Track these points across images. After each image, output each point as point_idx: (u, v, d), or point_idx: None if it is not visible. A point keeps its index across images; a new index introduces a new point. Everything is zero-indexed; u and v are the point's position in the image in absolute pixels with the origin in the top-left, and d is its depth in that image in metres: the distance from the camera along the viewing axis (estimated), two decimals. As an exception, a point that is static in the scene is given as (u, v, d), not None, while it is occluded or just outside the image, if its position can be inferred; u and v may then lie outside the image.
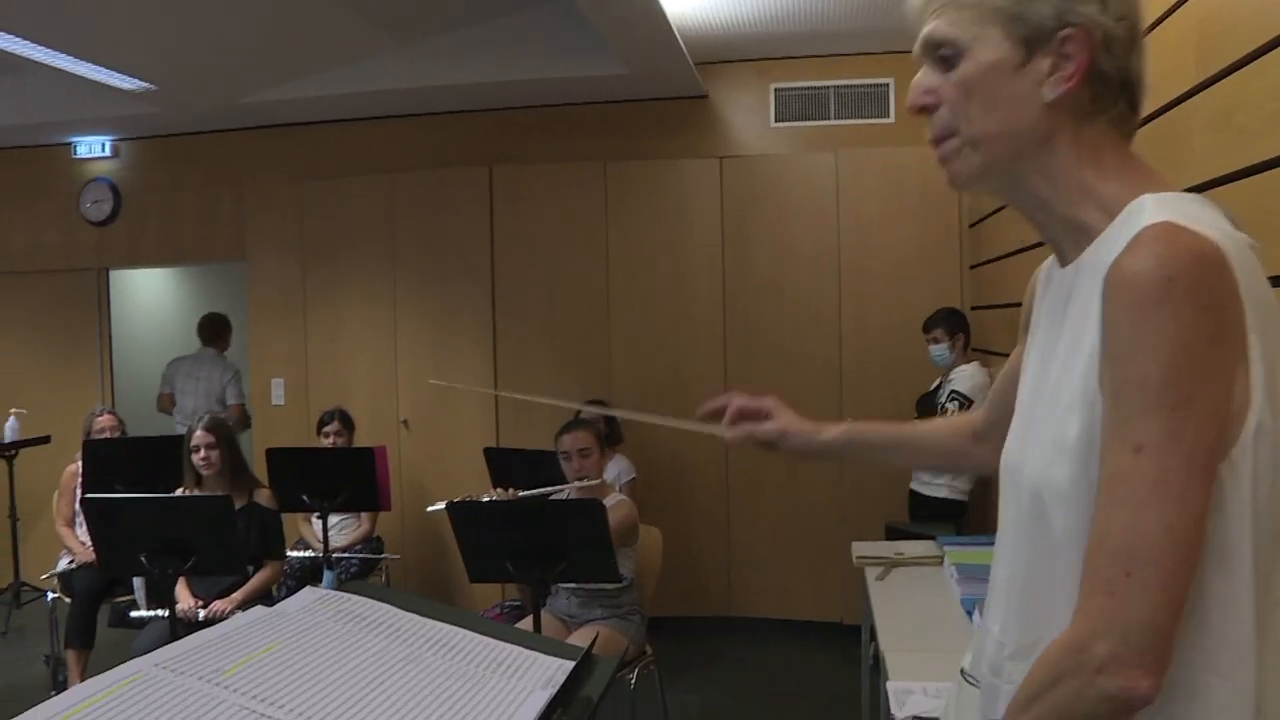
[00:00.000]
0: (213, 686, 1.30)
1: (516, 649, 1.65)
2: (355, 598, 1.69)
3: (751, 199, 6.25)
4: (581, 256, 6.47)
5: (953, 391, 5.17)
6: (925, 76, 1.31)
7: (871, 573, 4.14)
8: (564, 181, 6.49)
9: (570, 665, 1.58)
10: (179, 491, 4.77)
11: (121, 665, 1.28)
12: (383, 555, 5.92)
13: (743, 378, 6.16)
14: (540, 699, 1.46)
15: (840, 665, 5.66)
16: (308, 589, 1.69)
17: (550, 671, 1.57)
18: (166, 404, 7.36)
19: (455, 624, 1.67)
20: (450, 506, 3.64)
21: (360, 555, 5.74)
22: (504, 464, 5.25)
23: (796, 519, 6.20)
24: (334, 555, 5.33)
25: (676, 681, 5.26)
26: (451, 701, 1.39)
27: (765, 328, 6.19)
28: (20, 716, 1.18)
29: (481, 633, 1.67)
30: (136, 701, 1.23)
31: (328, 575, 5.06)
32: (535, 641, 1.71)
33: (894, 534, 5.15)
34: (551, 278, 6.52)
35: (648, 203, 6.39)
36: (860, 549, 4.48)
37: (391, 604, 1.70)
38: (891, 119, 6.28)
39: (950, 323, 5.33)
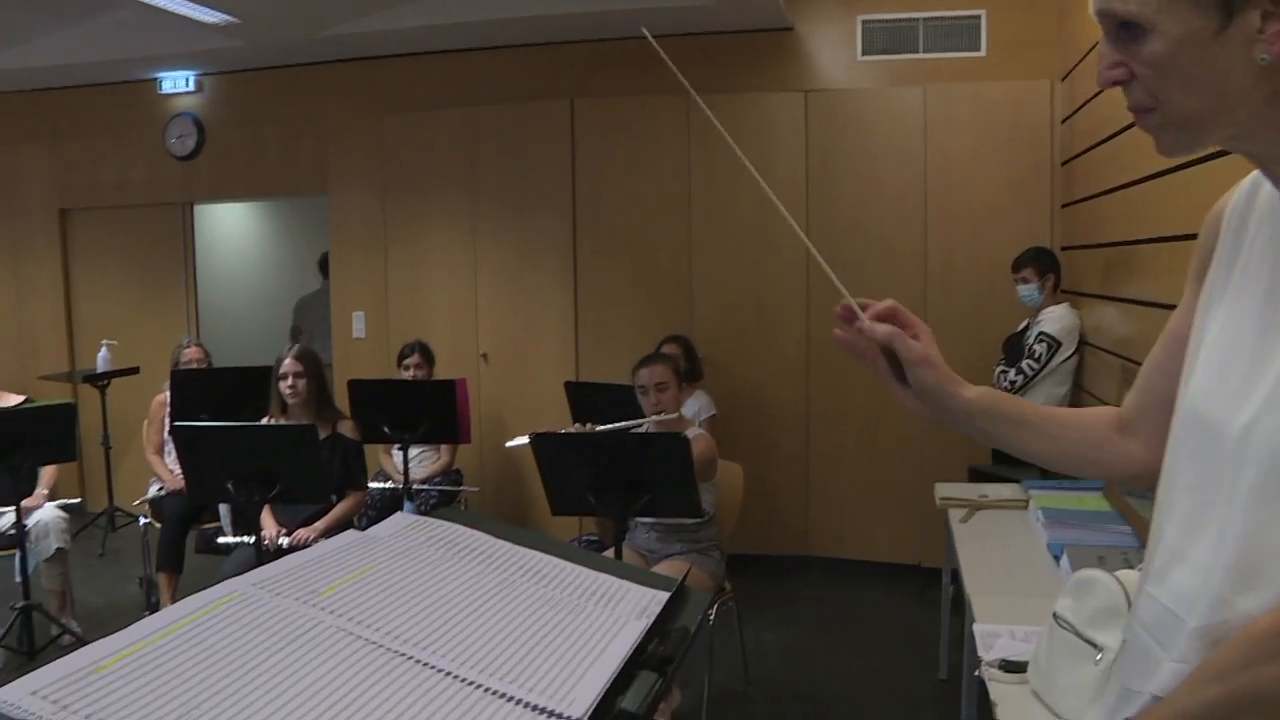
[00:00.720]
0: (308, 607, 1.29)
1: (610, 578, 1.62)
2: (447, 524, 1.67)
3: (836, 134, 6.12)
4: (664, 191, 6.39)
5: (1041, 333, 5.04)
6: (1109, 48, 1.15)
7: (955, 515, 4.08)
8: (646, 115, 6.40)
9: (665, 596, 1.55)
10: (265, 421, 4.83)
11: (220, 584, 1.27)
12: (462, 488, 5.97)
13: (826, 316, 6.07)
14: (636, 628, 1.44)
15: (917, 608, 5.61)
16: (399, 514, 1.68)
17: (644, 602, 1.55)
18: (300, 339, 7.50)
19: (548, 552, 1.65)
20: (534, 438, 3.63)
21: (439, 487, 5.79)
22: (584, 398, 5.24)
23: (876, 460, 6.13)
24: (414, 487, 5.38)
25: (754, 619, 5.25)
26: (548, 629, 1.37)
27: (849, 265, 5.97)
28: (128, 629, 1.18)
29: (574, 561, 1.65)
30: (235, 619, 1.23)
31: (408, 506, 5.12)
32: (627, 572, 1.69)
33: (977, 476, 5.08)
34: (633, 212, 6.46)
35: (731, 136, 6.26)
36: (943, 490, 4.42)
37: (483, 531, 1.68)
38: (983, 52, 6.08)
39: (1040, 262, 5.18)
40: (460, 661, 1.23)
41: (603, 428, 4.01)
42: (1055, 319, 5.04)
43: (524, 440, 3.80)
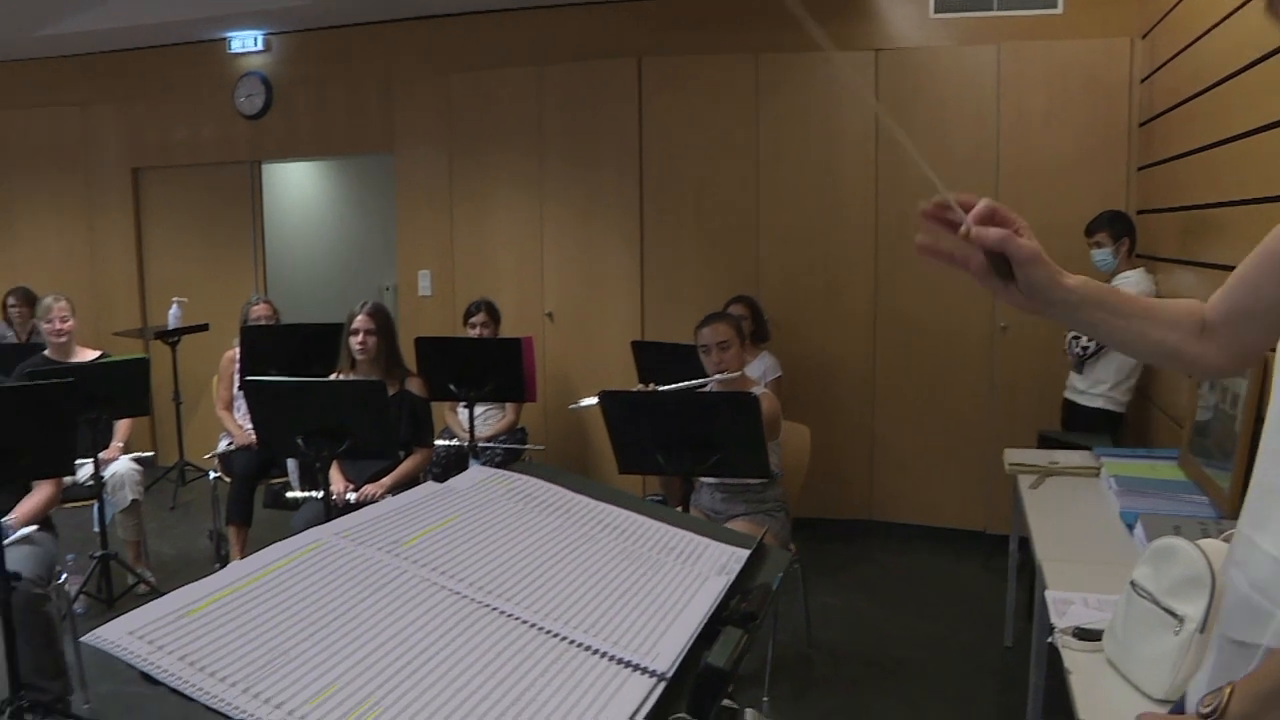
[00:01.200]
0: (393, 557, 1.29)
1: (688, 534, 1.62)
2: (525, 478, 1.67)
3: (907, 94, 5.99)
4: (731, 150, 6.33)
5: (1116, 298, 4.93)
6: None
7: (1024, 481, 4.02)
8: (714, 74, 6.33)
9: (744, 554, 1.54)
10: (334, 376, 4.87)
11: (304, 532, 1.28)
12: (527, 446, 6.00)
13: (893, 279, 6.01)
14: (717, 585, 1.43)
15: (983, 574, 5.57)
16: (476, 467, 1.68)
17: (723, 559, 1.54)
18: None
19: (626, 507, 1.65)
20: (603, 396, 3.62)
21: (505, 445, 5.82)
22: (651, 357, 5.23)
23: (943, 424, 6.06)
24: (479, 445, 5.41)
25: (817, 583, 5.24)
26: (630, 583, 1.37)
27: (918, 227, 5.95)
28: (217, 574, 1.19)
29: (652, 517, 1.64)
30: (320, 567, 1.24)
31: (473, 464, 5.14)
32: (705, 528, 1.68)
33: (1047, 443, 5.00)
34: (700, 171, 6.40)
35: (799, 96, 6.19)
36: (1013, 456, 4.36)
37: (561, 485, 1.68)
38: (1059, 9, 5.93)
39: (1115, 226, 5.06)
40: (544, 614, 1.22)
41: (667, 387, 4.00)
42: (1132, 284, 4.93)
43: (591, 401, 3.79)
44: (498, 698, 1.03)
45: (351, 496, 4.45)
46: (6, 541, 3.55)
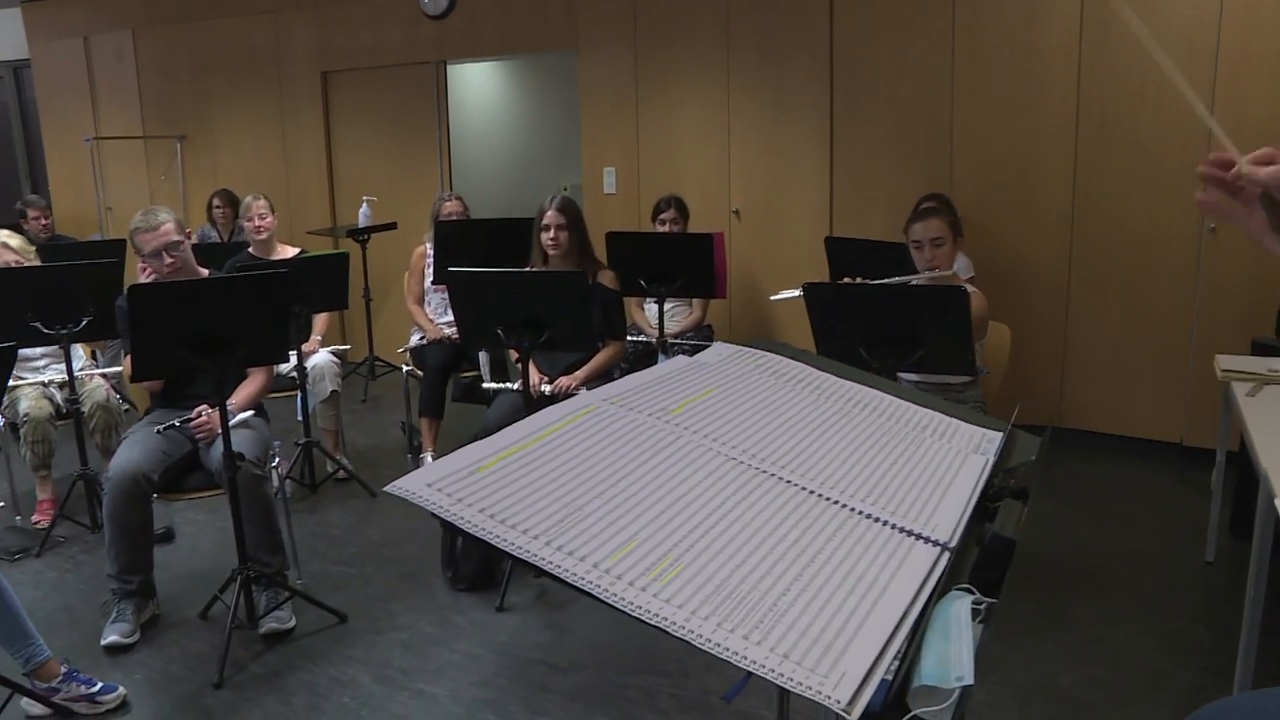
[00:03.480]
0: (664, 423, 1.30)
1: (937, 415, 1.59)
2: (771, 354, 1.66)
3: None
4: (925, 42, 6.08)
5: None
6: None
7: (1239, 389, 3.82)
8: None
9: (996, 435, 1.51)
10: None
11: (573, 398, 1.30)
12: (714, 342, 5.99)
13: (1093, 178, 5.73)
14: (978, 462, 1.40)
15: (1179, 487, 5.37)
16: (720, 343, 1.68)
17: (976, 439, 1.51)
18: None
19: (873, 387, 1.62)
20: (807, 288, 3.57)
21: (692, 342, 5.82)
22: (845, 254, 5.12)
23: (1141, 331, 5.78)
24: (667, 341, 5.42)
25: (1006, 487, 5.13)
26: (893, 458, 1.35)
27: (1121, 124, 5.63)
28: (497, 435, 1.22)
29: (900, 397, 1.61)
30: (596, 430, 1.25)
31: (661, 360, 5.16)
32: (951, 409, 1.64)
33: (1261, 350, 4.76)
34: (893, 63, 6.18)
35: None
36: (1226, 363, 4.16)
37: (806, 363, 1.67)
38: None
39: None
40: (820, 482, 1.22)
41: (876, 282, 3.91)
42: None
43: (793, 293, 3.74)
44: (791, 560, 1.03)
45: (546, 389, 4.52)
46: (230, 425, 3.74)
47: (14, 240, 5.05)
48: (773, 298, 4.14)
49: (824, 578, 1.03)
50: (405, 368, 6.07)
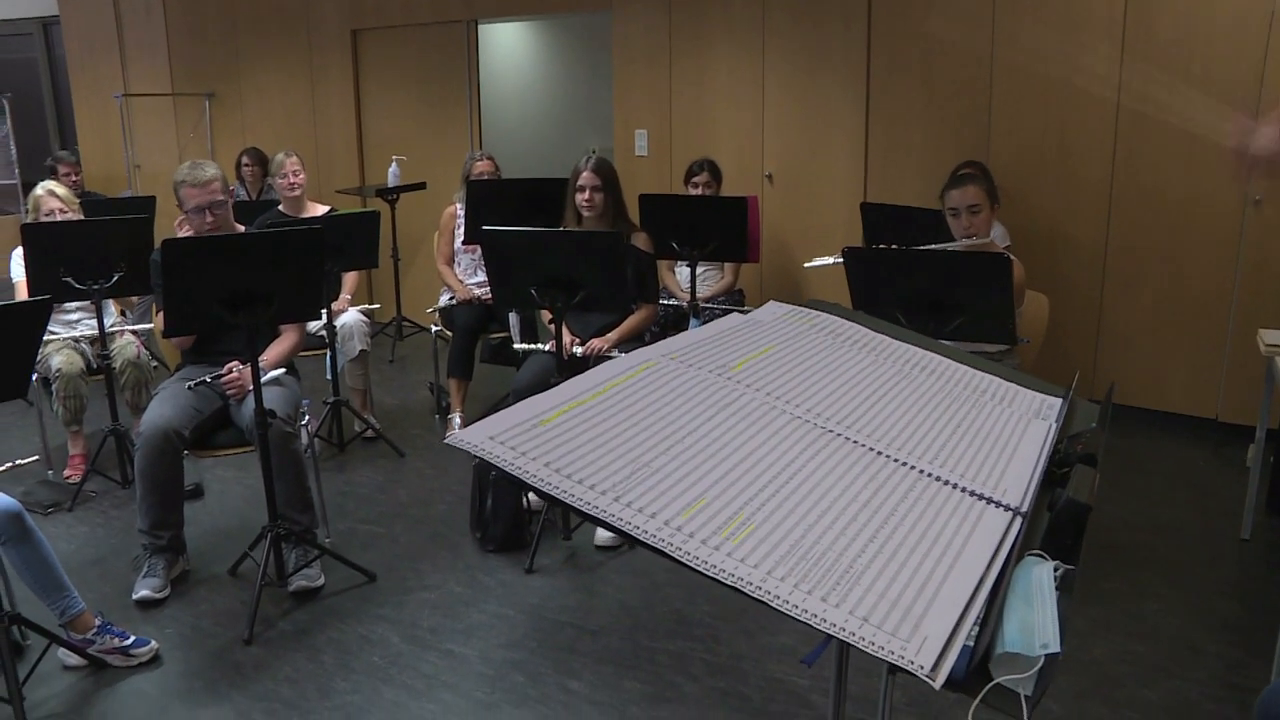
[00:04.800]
0: (725, 380, 1.27)
1: (995, 379, 1.55)
2: (824, 315, 1.63)
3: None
4: (964, 5, 5.98)
5: None
6: None
7: (1284, 363, 3.77)
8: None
9: (1056, 401, 1.47)
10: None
11: (632, 353, 1.27)
12: (746, 308, 5.94)
13: (1134, 154, 5.62)
14: (1041, 428, 1.36)
15: (1214, 463, 5.30)
16: (773, 302, 1.65)
17: (1036, 404, 1.47)
18: None
19: (928, 349, 1.59)
20: (847, 253, 3.52)
21: (724, 306, 5.78)
22: (880, 220, 5.06)
23: (1179, 305, 5.68)
24: (699, 305, 5.39)
25: (1039, 458, 5.08)
26: (955, 421, 1.32)
27: (1163, 97, 5.53)
28: (548, 392, 1.19)
29: (958, 360, 1.58)
30: (657, 385, 1.22)
31: (693, 323, 5.13)
32: (1008, 374, 1.61)
33: (1304, 323, 4.69)
34: (931, 25, 6.07)
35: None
36: (1271, 337, 4.10)
37: (860, 324, 1.63)
38: None
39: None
40: (886, 443, 1.19)
41: (917, 249, 3.85)
42: None
43: (828, 260, 3.70)
44: (863, 521, 1.00)
45: (578, 350, 4.49)
46: (261, 381, 3.73)
47: (60, 189, 5.06)
48: (807, 265, 4.09)
49: (898, 540, 1.00)
50: (434, 328, 6.05)
